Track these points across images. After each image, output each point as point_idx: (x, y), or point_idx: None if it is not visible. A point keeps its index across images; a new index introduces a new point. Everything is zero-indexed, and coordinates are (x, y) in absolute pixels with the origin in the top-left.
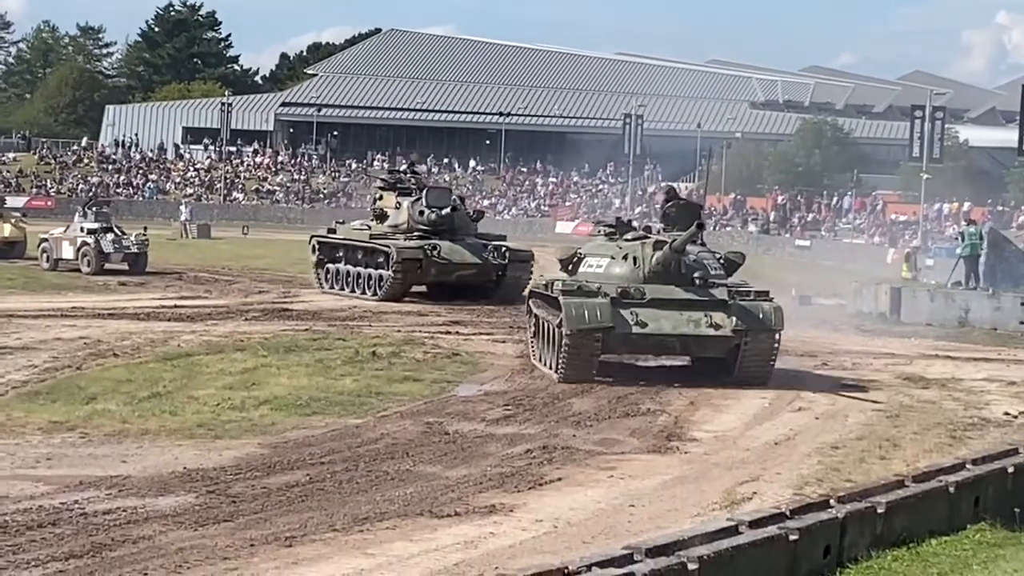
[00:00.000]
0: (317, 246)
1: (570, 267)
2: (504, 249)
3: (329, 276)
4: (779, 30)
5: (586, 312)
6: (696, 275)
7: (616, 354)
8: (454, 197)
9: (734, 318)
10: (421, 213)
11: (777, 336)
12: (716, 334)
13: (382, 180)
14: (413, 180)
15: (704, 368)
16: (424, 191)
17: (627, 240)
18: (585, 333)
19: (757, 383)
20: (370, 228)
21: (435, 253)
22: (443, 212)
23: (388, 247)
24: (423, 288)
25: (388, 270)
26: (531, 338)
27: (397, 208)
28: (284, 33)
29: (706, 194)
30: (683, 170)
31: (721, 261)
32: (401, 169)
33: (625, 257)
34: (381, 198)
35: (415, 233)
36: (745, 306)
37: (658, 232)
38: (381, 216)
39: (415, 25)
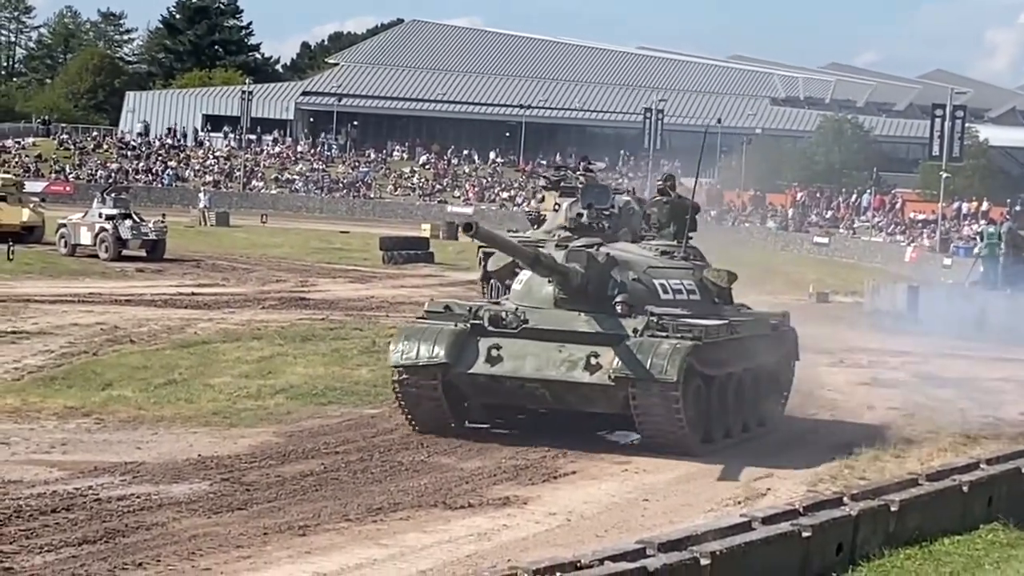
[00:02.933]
0: (484, 257)
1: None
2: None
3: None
4: (802, 28)
5: (419, 344)
6: (619, 298)
7: (479, 401)
8: (627, 198)
9: (618, 360)
10: (579, 215)
11: (672, 391)
12: (590, 380)
13: (545, 178)
14: (583, 179)
15: None
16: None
17: (568, 248)
18: (412, 371)
19: (677, 454)
20: (527, 235)
21: None
22: (604, 212)
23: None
24: None
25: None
26: None
27: (556, 210)
28: (307, 22)
29: (691, 188)
30: (703, 166)
31: (701, 282)
32: (570, 165)
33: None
34: (543, 199)
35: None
36: (641, 344)
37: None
38: (537, 220)
39: (439, 17)
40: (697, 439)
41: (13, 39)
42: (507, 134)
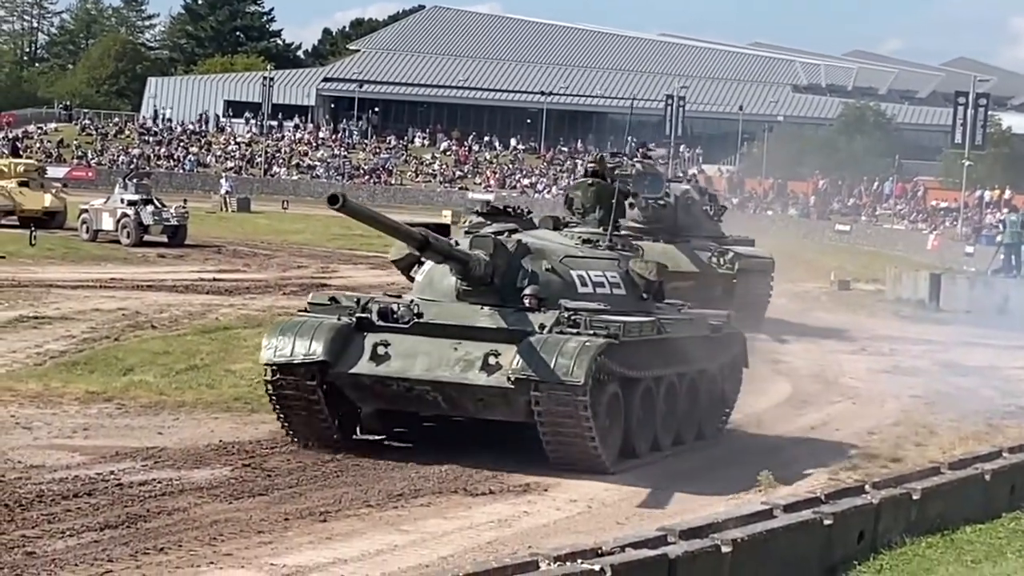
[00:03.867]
0: None
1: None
2: (732, 254)
3: None
4: (825, 14)
5: (295, 340)
6: (527, 291)
7: (365, 406)
8: (686, 187)
9: (518, 359)
10: (631, 206)
11: (579, 396)
12: (486, 382)
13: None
14: (640, 166)
15: None
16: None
17: (474, 234)
18: (286, 370)
19: (589, 473)
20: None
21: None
22: (658, 204)
23: None
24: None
25: None
26: None
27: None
28: (328, 8)
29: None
30: (724, 152)
31: (627, 275)
32: (625, 152)
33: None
34: None
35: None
36: (547, 341)
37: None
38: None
39: (460, 3)
40: (611, 452)
41: (35, 25)
42: (528, 121)
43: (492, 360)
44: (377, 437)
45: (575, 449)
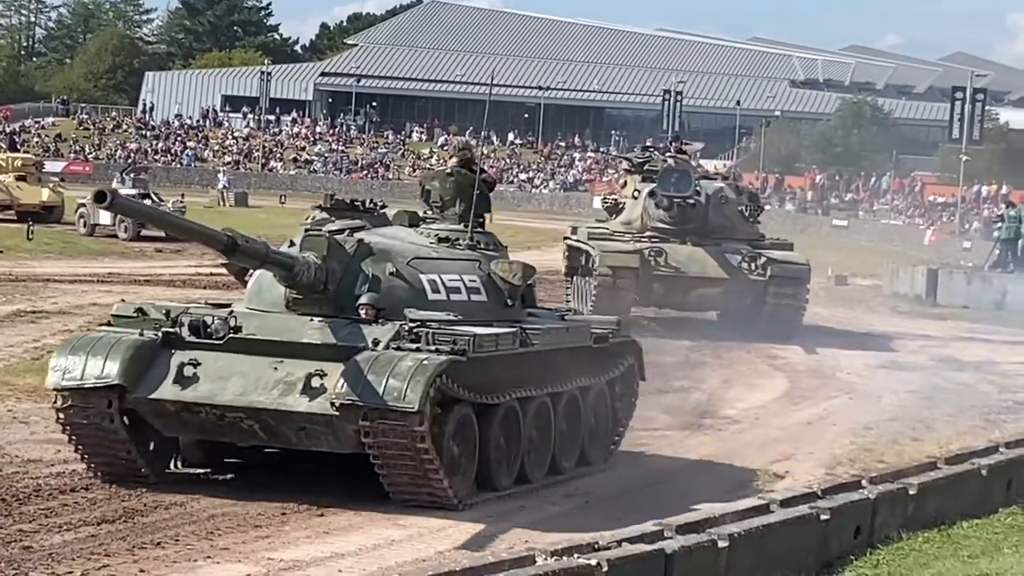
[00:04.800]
0: (568, 252)
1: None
2: (764, 259)
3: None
4: (824, 9)
5: (87, 360)
6: (363, 299)
7: (171, 434)
8: (720, 185)
9: (343, 381)
10: (658, 205)
11: (415, 425)
12: (307, 408)
13: (629, 161)
14: (671, 163)
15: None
16: (659, 175)
17: (307, 232)
18: (78, 396)
19: (434, 508)
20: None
21: (659, 260)
22: (686, 202)
23: (592, 250)
24: (650, 311)
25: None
26: None
27: (635, 198)
28: (326, 2)
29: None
30: (721, 147)
31: (489, 279)
32: (659, 147)
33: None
34: (624, 184)
35: (647, 233)
36: (377, 359)
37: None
38: (615, 209)
39: None
40: (462, 486)
41: (33, 19)
42: (526, 116)
43: (316, 382)
44: (199, 470)
45: (416, 485)
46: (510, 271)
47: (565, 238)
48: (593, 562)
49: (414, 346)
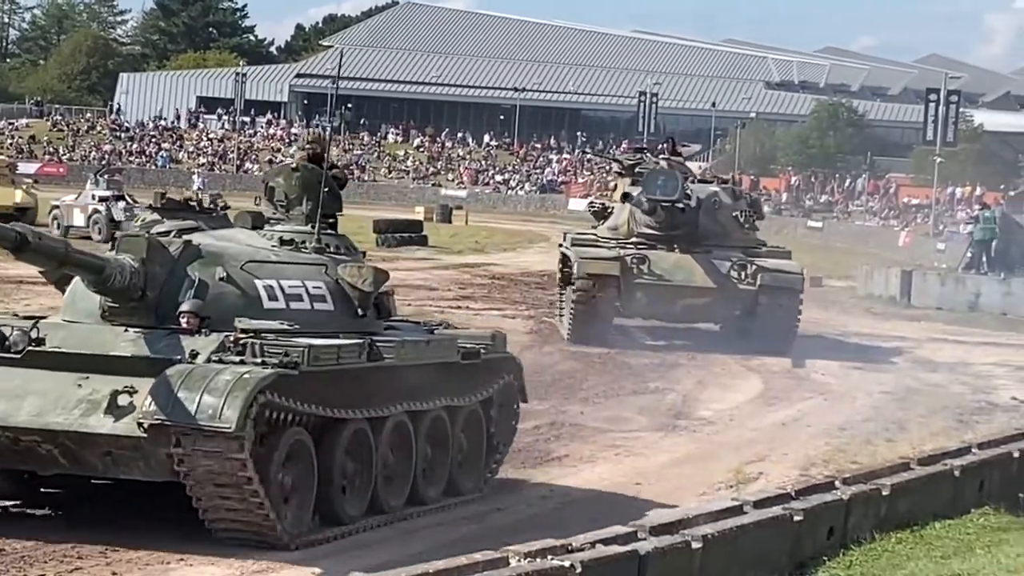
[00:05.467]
0: (560, 260)
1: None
2: (754, 268)
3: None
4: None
5: None
6: (185, 306)
7: None
8: (714, 188)
9: (150, 399)
10: (642, 210)
11: (234, 451)
12: (111, 430)
13: (619, 163)
14: (664, 165)
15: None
16: (644, 178)
17: (124, 234)
18: None
19: (263, 545)
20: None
21: (642, 268)
22: (674, 206)
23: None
24: (634, 322)
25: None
26: None
27: (624, 202)
28: (302, 4)
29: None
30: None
31: (337, 285)
32: (655, 148)
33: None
34: (614, 188)
35: (632, 239)
36: (191, 374)
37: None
38: (601, 214)
39: (438, 0)
40: (296, 519)
41: (7, 20)
42: (501, 117)
43: (123, 400)
44: (9, 503)
45: (238, 518)
46: (359, 277)
47: (559, 245)
48: (567, 564)
49: (238, 359)
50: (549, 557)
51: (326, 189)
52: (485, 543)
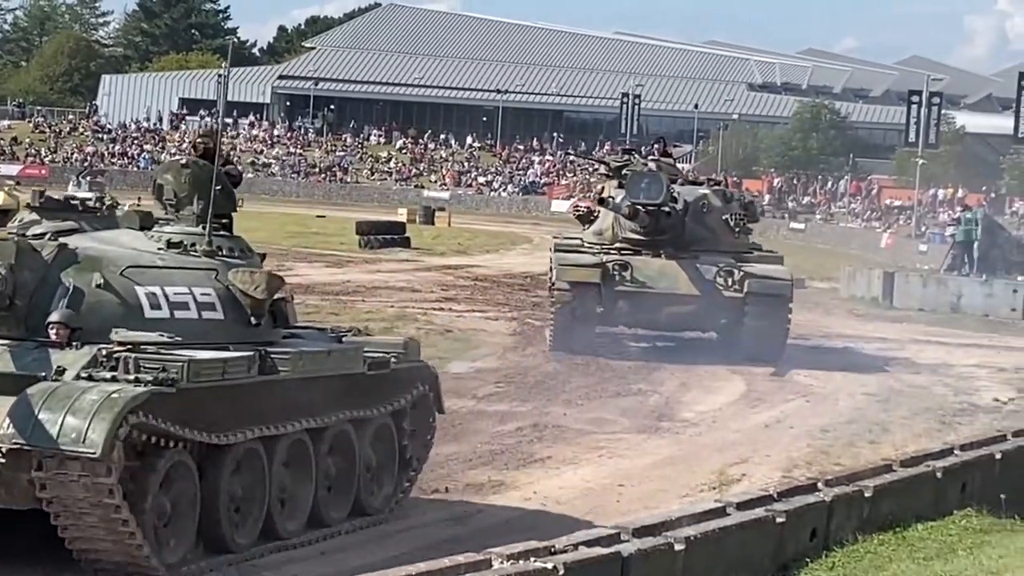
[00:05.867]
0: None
1: None
2: (741, 274)
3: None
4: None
5: None
6: (54, 317)
7: None
8: (703, 191)
9: (8, 421)
10: (628, 216)
11: (100, 476)
12: None
13: (606, 165)
14: (652, 166)
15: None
16: (627, 180)
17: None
18: None
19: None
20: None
21: (624, 275)
22: (660, 210)
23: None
24: (619, 329)
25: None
26: None
27: (600, 206)
28: (285, 6)
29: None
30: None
31: (228, 292)
32: (641, 149)
33: None
34: (601, 190)
35: (616, 244)
36: (55, 392)
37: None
38: (586, 218)
39: (415, 1)
40: (177, 550)
41: None
42: (484, 119)
43: None
44: None
45: (108, 549)
46: (251, 283)
47: (550, 250)
48: (550, 566)
49: (110, 375)
50: (532, 559)
51: (218, 187)
52: (468, 545)
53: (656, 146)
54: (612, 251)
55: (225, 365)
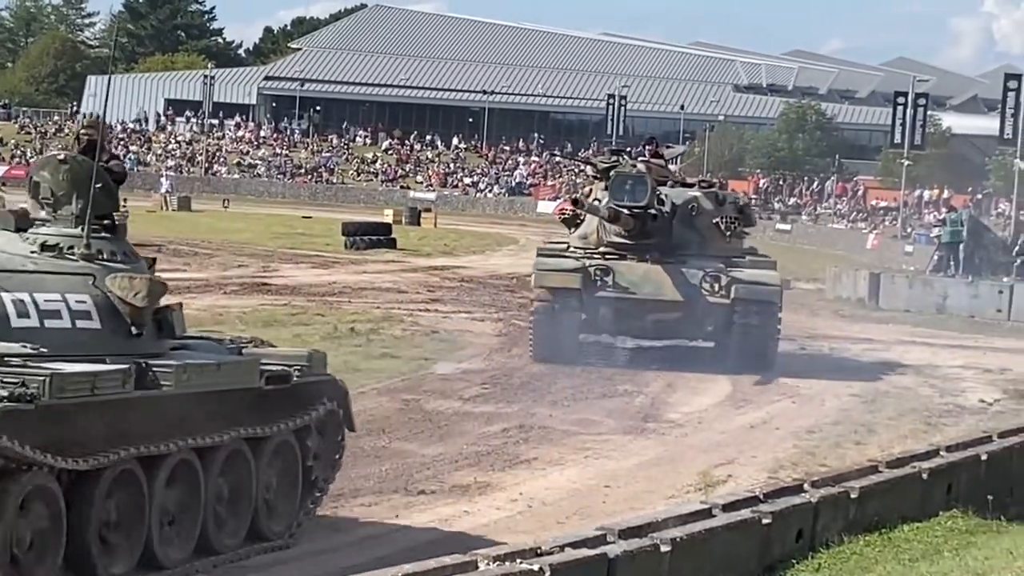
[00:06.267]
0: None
1: None
2: (727, 279)
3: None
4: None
5: None
6: None
7: None
8: (694, 194)
9: None
10: (610, 220)
11: None
12: None
13: (593, 166)
14: (640, 168)
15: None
16: (610, 182)
17: None
18: None
19: None
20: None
21: (606, 280)
22: (646, 212)
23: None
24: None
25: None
26: None
27: (575, 208)
28: (271, 7)
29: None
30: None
31: (106, 299)
32: (630, 150)
33: None
34: (588, 193)
35: (601, 249)
36: None
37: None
38: (571, 222)
39: (401, 2)
40: None
41: None
42: (470, 120)
43: None
44: None
45: None
46: (131, 289)
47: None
48: (536, 567)
49: None
50: (518, 560)
51: (99, 185)
52: (453, 547)
53: (648, 147)
54: (597, 255)
55: (95, 379)
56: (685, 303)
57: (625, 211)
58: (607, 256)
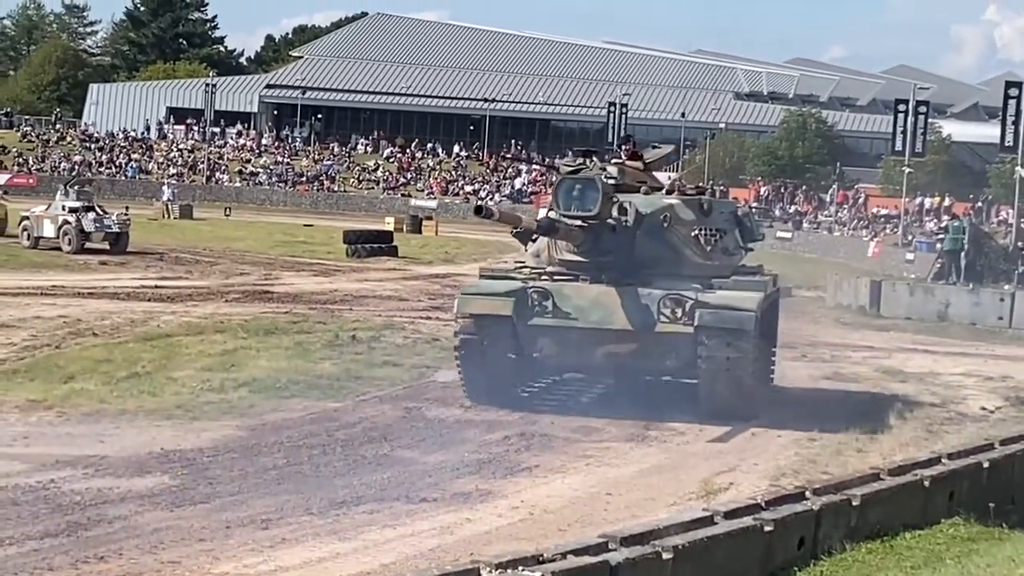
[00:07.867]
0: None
1: None
2: (690, 304)
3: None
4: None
5: None
6: None
7: None
8: (668, 202)
9: None
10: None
11: None
12: None
13: (557, 171)
14: (609, 170)
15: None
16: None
17: None
18: None
19: None
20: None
21: (544, 305)
22: (603, 223)
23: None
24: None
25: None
26: None
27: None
28: (273, 15)
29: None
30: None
31: None
32: (604, 151)
33: None
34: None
35: (550, 268)
36: None
37: None
38: (525, 237)
39: (403, 10)
40: None
41: None
42: (471, 128)
43: None
44: None
45: None
46: None
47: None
48: (538, 574)
49: None
50: (520, 568)
51: None
52: (456, 554)
53: (624, 147)
54: (545, 277)
55: None
56: (637, 332)
57: (567, 222)
58: (555, 277)
